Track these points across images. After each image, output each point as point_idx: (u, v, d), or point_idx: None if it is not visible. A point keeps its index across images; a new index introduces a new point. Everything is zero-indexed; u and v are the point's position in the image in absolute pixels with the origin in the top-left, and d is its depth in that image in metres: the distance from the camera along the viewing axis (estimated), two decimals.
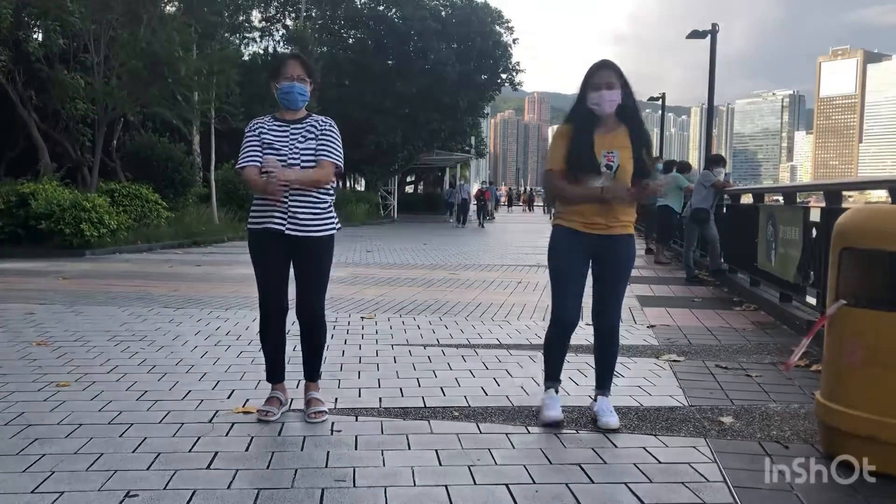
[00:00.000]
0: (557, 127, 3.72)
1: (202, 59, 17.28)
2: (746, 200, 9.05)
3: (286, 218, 3.37)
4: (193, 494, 2.56)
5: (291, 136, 3.40)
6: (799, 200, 7.02)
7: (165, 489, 2.60)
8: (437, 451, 3.01)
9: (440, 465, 2.87)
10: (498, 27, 33.78)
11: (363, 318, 6.18)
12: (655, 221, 12.28)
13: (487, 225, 28.33)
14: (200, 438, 3.14)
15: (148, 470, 2.78)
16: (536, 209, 48.32)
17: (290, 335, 3.69)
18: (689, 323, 6.12)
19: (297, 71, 3.41)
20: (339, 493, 2.60)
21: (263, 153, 3.37)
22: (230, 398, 3.76)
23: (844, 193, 5.94)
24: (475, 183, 48.21)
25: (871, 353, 2.77)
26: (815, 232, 5.84)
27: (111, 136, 17.88)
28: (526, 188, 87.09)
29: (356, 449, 3.05)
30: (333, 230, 3.50)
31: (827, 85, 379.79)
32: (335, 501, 2.54)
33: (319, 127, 3.45)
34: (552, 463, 2.92)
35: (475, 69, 33.09)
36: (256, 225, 3.44)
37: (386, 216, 32.44)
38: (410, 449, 3.05)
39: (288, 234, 3.38)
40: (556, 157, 3.42)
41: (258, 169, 3.35)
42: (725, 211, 9.78)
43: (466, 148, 38.96)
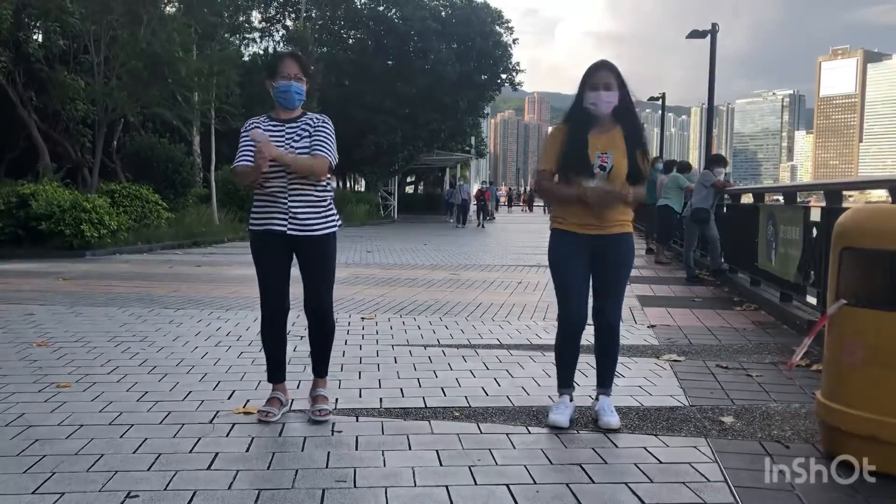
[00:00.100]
0: (553, 126, 3.72)
1: (202, 59, 17.29)
2: (747, 200, 9.05)
3: (287, 218, 3.37)
4: (194, 495, 2.56)
5: (287, 135, 3.39)
6: (799, 200, 7.01)
7: (166, 490, 2.60)
8: (437, 451, 3.01)
9: (441, 465, 2.87)
10: (498, 27, 33.81)
11: (363, 318, 6.18)
12: (656, 221, 12.27)
13: (487, 225, 28.33)
14: (201, 439, 3.14)
15: (149, 471, 2.78)
16: (536, 209, 48.29)
17: (290, 335, 3.69)
18: (689, 323, 6.12)
19: (293, 70, 3.40)
20: (339, 493, 2.60)
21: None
22: (231, 399, 3.76)
23: (845, 193, 5.94)
24: (475, 183, 48.22)
25: (871, 352, 2.77)
26: (815, 231, 5.84)
27: (111, 136, 17.89)
28: (526, 188, 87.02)
29: (357, 449, 3.05)
30: (335, 227, 3.50)
31: (827, 84, 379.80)
32: (336, 502, 2.54)
33: (313, 124, 3.44)
34: (553, 463, 2.93)
35: (475, 69, 33.13)
36: (257, 226, 3.44)
37: (386, 216, 32.44)
38: (411, 449, 3.05)
39: (290, 234, 3.38)
40: (547, 157, 3.43)
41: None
42: (726, 211, 9.78)
43: (466, 148, 38.96)
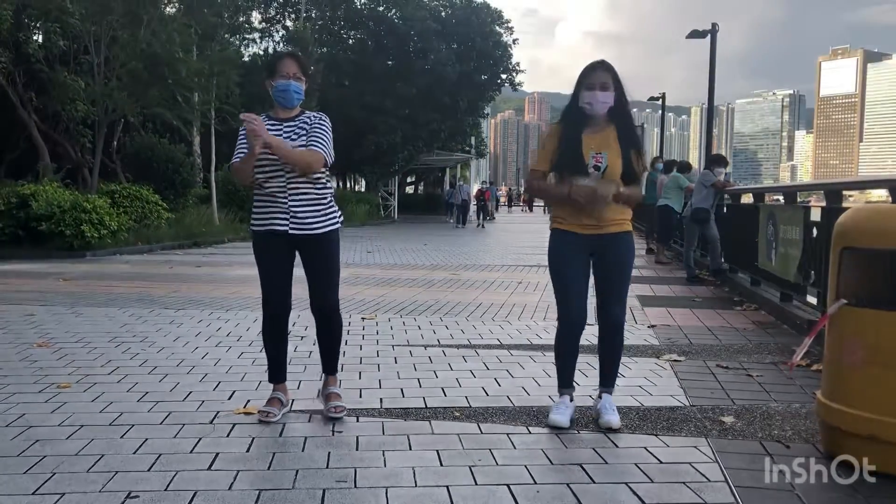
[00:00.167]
0: (547, 126, 3.72)
1: (202, 60, 17.28)
2: (747, 200, 9.05)
3: (288, 218, 3.37)
4: (194, 496, 2.56)
5: (284, 133, 3.39)
6: (799, 200, 7.02)
7: (166, 490, 2.60)
8: (438, 451, 3.01)
9: (441, 465, 2.87)
10: (498, 27, 33.82)
11: (364, 318, 6.18)
12: (656, 221, 12.27)
13: (488, 225, 28.34)
14: (201, 439, 3.14)
15: (149, 471, 2.78)
16: (536, 209, 48.29)
17: (290, 336, 3.69)
18: (689, 323, 6.12)
19: (292, 69, 3.40)
20: (340, 493, 2.60)
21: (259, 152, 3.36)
22: (231, 399, 3.76)
23: (845, 193, 5.93)
24: (475, 183, 48.21)
25: (871, 352, 2.77)
26: (815, 231, 5.84)
27: (111, 137, 17.88)
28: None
29: (357, 449, 3.05)
30: (337, 224, 3.50)
31: (827, 84, 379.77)
32: (336, 502, 2.54)
33: (310, 122, 3.44)
34: (553, 463, 2.92)
35: (475, 69, 33.15)
36: (259, 226, 3.44)
37: (386, 217, 32.45)
38: (411, 449, 3.05)
39: (292, 233, 3.38)
40: (540, 156, 3.45)
41: None
42: (726, 211, 9.78)
43: (466, 148, 38.97)
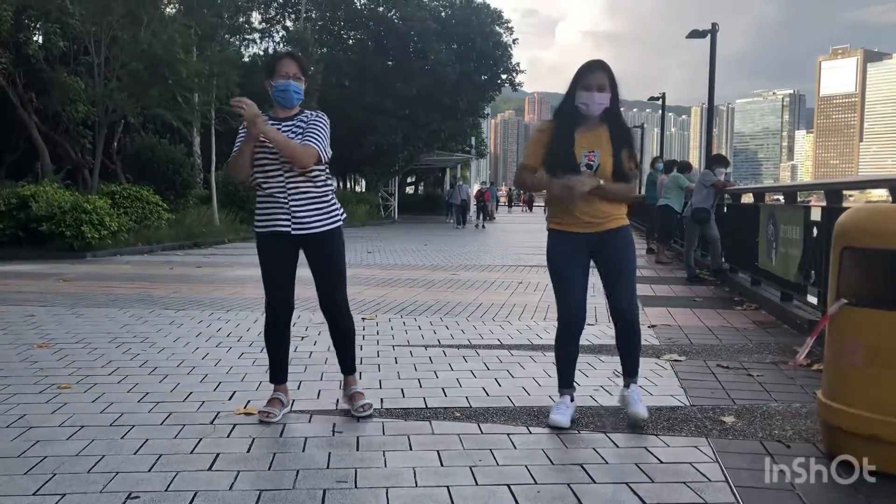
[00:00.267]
0: (539, 122, 3.73)
1: (202, 60, 17.29)
2: (747, 200, 9.05)
3: (290, 218, 3.37)
4: (195, 496, 2.56)
5: (283, 132, 3.39)
6: (799, 200, 7.01)
7: (167, 491, 2.60)
8: (438, 451, 3.01)
9: (442, 465, 2.87)
10: (498, 27, 33.82)
11: (364, 318, 6.18)
12: (656, 221, 12.28)
13: (488, 225, 28.33)
14: (202, 440, 3.14)
15: (149, 472, 2.78)
16: (536, 209, 48.29)
17: (291, 337, 3.69)
18: (690, 322, 6.12)
19: (292, 69, 3.40)
20: (340, 493, 2.60)
21: (256, 151, 3.36)
22: (231, 399, 3.76)
23: (845, 192, 5.93)
24: (475, 184, 48.20)
25: (871, 352, 2.76)
26: (815, 231, 5.84)
27: (112, 137, 17.89)
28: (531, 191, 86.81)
29: (357, 450, 3.05)
30: (339, 222, 3.50)
31: (827, 84, 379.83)
32: (337, 502, 2.54)
33: (307, 119, 3.44)
34: (554, 463, 2.92)
35: (475, 70, 33.17)
36: (262, 228, 3.45)
37: (386, 217, 32.46)
38: (412, 450, 3.04)
39: (294, 234, 3.38)
40: (531, 153, 3.47)
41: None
42: (726, 210, 9.78)
43: (467, 148, 38.96)
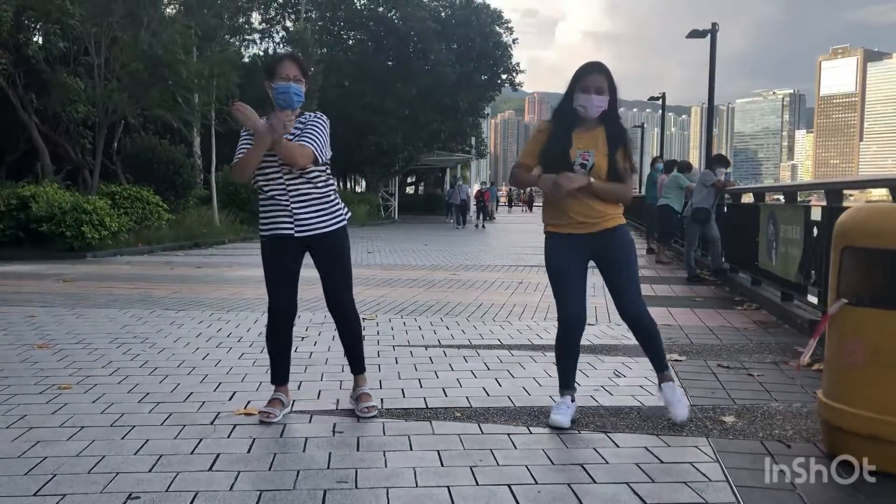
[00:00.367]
0: (539, 123, 3.74)
1: (202, 61, 17.29)
2: (747, 200, 9.05)
3: (292, 221, 3.37)
4: (195, 496, 2.56)
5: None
6: (800, 199, 7.01)
7: (167, 491, 2.60)
8: (438, 451, 3.01)
9: (442, 465, 2.87)
10: (498, 28, 33.81)
11: (364, 318, 6.17)
12: (656, 221, 12.28)
13: (488, 225, 28.33)
14: (202, 440, 3.14)
15: (150, 472, 2.78)
16: (536, 209, 48.29)
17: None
18: (690, 322, 6.12)
19: (292, 71, 3.37)
20: (341, 494, 2.60)
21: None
22: (231, 400, 3.76)
23: (845, 192, 5.93)
24: (475, 184, 48.19)
25: (872, 351, 2.76)
26: (816, 231, 5.83)
27: (112, 138, 17.89)
28: (526, 188, 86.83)
29: (358, 450, 3.05)
30: (343, 222, 3.50)
31: (827, 84, 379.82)
32: (337, 502, 2.54)
33: (305, 120, 3.43)
34: (554, 463, 2.92)
35: (475, 70, 33.15)
36: (266, 231, 3.45)
37: (387, 217, 32.46)
38: (412, 450, 3.04)
39: (298, 236, 3.38)
40: (527, 151, 3.50)
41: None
42: (726, 210, 9.78)
43: (467, 148, 38.94)
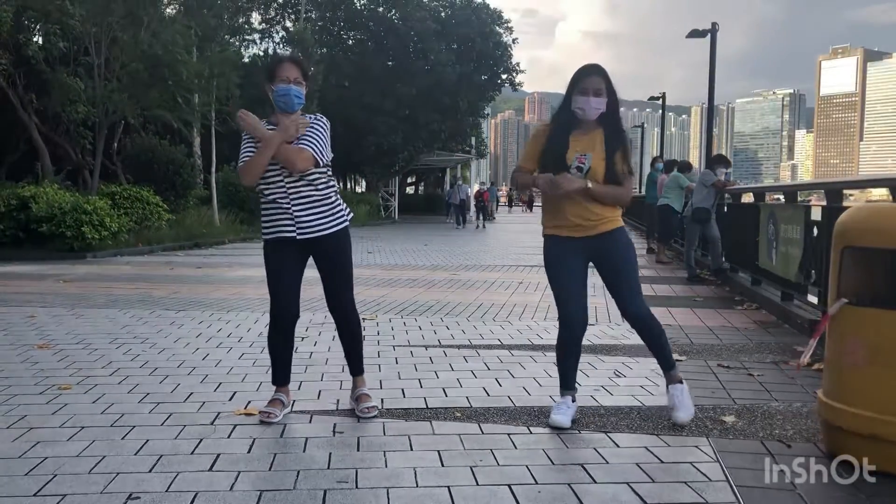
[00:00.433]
0: (537, 125, 3.76)
1: (202, 61, 17.30)
2: (747, 199, 9.04)
3: (293, 224, 3.37)
4: (195, 497, 2.56)
5: None
6: (800, 199, 7.01)
7: (167, 491, 2.60)
8: (439, 451, 3.01)
9: (442, 465, 2.87)
10: (498, 27, 33.81)
11: (364, 318, 6.17)
12: (656, 221, 12.28)
13: (488, 225, 28.33)
14: (202, 440, 3.14)
15: (150, 472, 2.78)
16: (537, 209, 48.29)
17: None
18: (690, 322, 6.12)
19: (293, 73, 3.36)
20: (341, 494, 2.60)
21: None
22: (232, 400, 3.76)
23: (845, 192, 5.92)
24: (475, 184, 48.19)
25: (872, 351, 2.76)
26: (816, 231, 5.83)
27: (112, 138, 17.90)
28: (527, 190, 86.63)
29: (358, 450, 3.05)
30: (345, 223, 3.50)
31: (827, 83, 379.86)
32: (337, 503, 2.54)
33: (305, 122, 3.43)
34: (554, 463, 2.92)
35: (475, 70, 33.15)
36: (269, 234, 3.45)
37: (387, 217, 32.46)
38: (412, 450, 3.04)
39: (300, 239, 3.38)
40: (527, 155, 3.53)
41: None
42: (726, 210, 9.78)
43: (467, 148, 38.95)
